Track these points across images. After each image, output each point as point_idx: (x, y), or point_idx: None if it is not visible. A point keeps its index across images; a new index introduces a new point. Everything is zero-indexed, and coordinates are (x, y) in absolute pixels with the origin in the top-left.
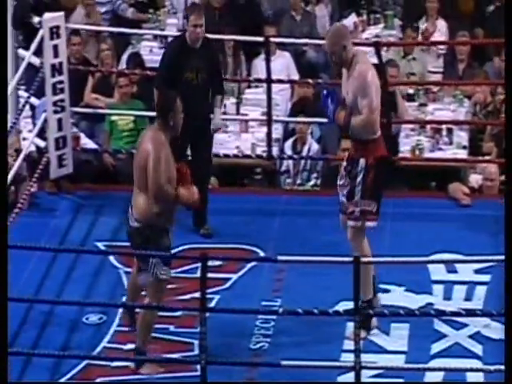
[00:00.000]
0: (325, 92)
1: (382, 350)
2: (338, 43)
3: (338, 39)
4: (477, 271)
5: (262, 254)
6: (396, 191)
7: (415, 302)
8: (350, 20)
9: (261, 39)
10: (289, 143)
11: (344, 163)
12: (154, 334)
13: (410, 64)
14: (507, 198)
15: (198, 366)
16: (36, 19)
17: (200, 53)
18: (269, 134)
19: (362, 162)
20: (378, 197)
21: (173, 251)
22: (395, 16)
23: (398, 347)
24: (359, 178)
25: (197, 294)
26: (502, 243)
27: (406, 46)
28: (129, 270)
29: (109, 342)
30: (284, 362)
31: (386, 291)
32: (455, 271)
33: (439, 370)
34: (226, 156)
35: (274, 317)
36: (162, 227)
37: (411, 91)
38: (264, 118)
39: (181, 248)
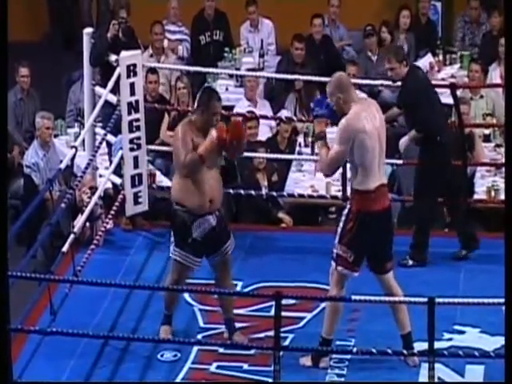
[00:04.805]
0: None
1: None
2: (333, 94)
3: (334, 90)
4: None
5: None
6: None
7: (490, 343)
8: (426, 60)
9: None
10: None
11: None
12: (228, 372)
13: (479, 103)
14: (507, 204)
15: None
16: (113, 57)
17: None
18: (343, 173)
19: (348, 208)
20: (356, 248)
21: (247, 289)
22: (471, 56)
23: None
24: (341, 223)
25: (271, 333)
26: None
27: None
28: (203, 307)
29: (183, 379)
30: None
31: (461, 332)
32: None
33: None
34: (301, 196)
35: (348, 356)
36: (181, 206)
37: (487, 132)
38: None
39: (255, 286)
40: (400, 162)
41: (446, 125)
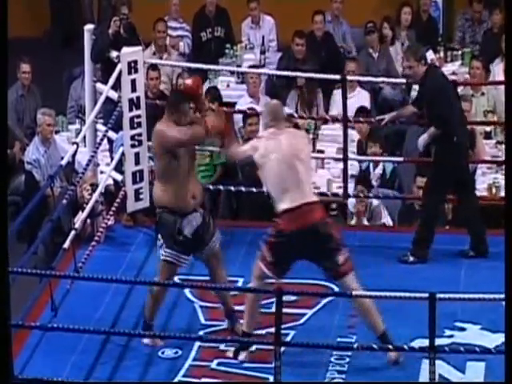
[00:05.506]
0: None
1: None
2: (265, 117)
3: (266, 115)
4: None
5: (336, 289)
6: None
7: (491, 340)
8: (427, 57)
9: (337, 77)
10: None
11: None
12: (228, 369)
13: (480, 100)
14: (507, 201)
15: None
16: (114, 54)
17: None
18: (345, 171)
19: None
20: (276, 256)
21: (249, 285)
22: (473, 53)
23: None
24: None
25: (272, 329)
26: None
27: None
28: (204, 303)
29: (184, 376)
30: None
31: (462, 329)
32: None
33: None
34: None
35: (349, 353)
36: (167, 209)
37: (488, 129)
38: (340, 156)
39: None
40: (401, 159)
41: (463, 124)
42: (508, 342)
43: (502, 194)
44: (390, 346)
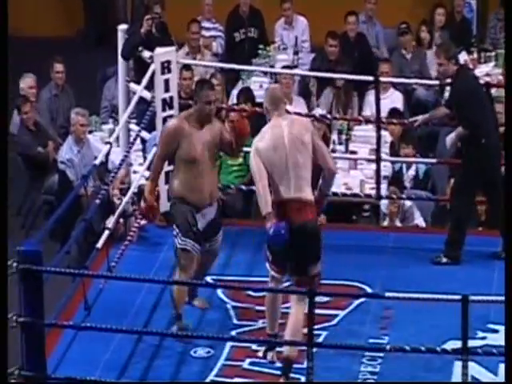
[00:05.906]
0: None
1: None
2: (265, 101)
3: (265, 99)
4: None
5: (369, 290)
6: None
7: None
8: (461, 58)
9: (370, 78)
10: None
11: None
12: (261, 369)
13: None
14: (507, 203)
15: None
16: (147, 54)
17: None
18: (377, 172)
19: None
20: (271, 252)
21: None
22: None
23: None
24: None
25: (305, 330)
26: None
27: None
28: (236, 304)
29: (216, 376)
30: None
31: (495, 331)
32: None
33: None
34: (335, 194)
35: (382, 354)
36: (183, 201)
37: None
38: (372, 157)
39: (290, 283)
40: (434, 160)
41: (495, 127)
42: (508, 342)
43: None
44: (423, 348)
